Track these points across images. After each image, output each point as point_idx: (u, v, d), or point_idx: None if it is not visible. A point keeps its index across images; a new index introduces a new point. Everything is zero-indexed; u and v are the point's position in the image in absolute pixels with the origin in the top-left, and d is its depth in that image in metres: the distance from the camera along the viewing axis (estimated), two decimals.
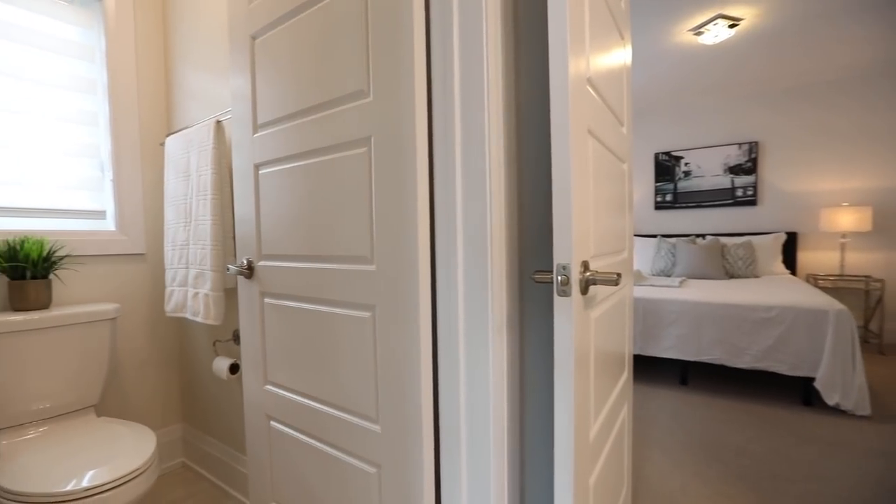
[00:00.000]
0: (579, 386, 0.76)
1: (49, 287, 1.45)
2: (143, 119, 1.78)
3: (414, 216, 0.86)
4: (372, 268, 0.95)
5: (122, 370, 1.72)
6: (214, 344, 1.63)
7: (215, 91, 1.59)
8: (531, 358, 0.90)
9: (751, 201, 4.03)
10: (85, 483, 1.04)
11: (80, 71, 1.67)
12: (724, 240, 3.86)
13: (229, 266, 1.24)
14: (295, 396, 1.16)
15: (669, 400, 2.52)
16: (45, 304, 1.44)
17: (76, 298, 1.59)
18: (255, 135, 1.21)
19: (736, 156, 4.07)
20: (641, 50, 3.13)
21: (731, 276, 3.67)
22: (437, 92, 0.86)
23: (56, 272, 1.52)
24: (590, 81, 0.84)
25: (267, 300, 1.22)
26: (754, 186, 4.01)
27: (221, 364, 1.52)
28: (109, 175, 1.72)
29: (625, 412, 1.24)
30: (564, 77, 0.69)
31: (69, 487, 1.03)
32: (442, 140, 0.85)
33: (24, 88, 1.53)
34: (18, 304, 1.38)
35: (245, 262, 1.27)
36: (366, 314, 0.97)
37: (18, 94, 1.52)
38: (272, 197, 1.18)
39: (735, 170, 4.08)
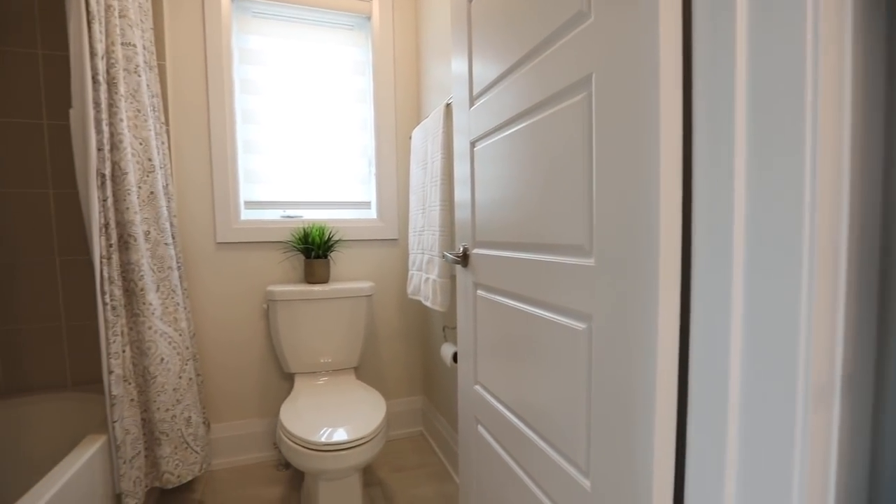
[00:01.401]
0: None
1: (328, 265, 1.77)
2: (399, 117, 1.98)
3: (654, 186, 0.54)
4: (589, 262, 0.68)
5: (375, 341, 1.99)
6: (444, 329, 1.67)
7: (449, 77, 1.60)
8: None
9: None
10: (322, 439, 1.19)
11: (358, 84, 1.97)
12: None
13: (445, 253, 1.19)
14: (499, 406, 1.00)
15: None
16: (325, 280, 1.77)
17: (343, 276, 1.91)
18: (471, 108, 1.10)
19: None
20: None
21: None
22: None
23: (331, 253, 1.85)
24: None
25: (479, 292, 1.11)
26: None
27: (447, 350, 1.53)
28: (373, 170, 1.99)
29: None
30: None
31: (315, 438, 1.19)
32: (708, 56, 0.50)
33: (323, 103, 1.91)
34: (309, 278, 1.75)
35: (461, 248, 1.19)
36: (579, 325, 0.71)
37: (319, 108, 1.90)
38: (484, 174, 1.04)
39: None
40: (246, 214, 1.81)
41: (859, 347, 0.44)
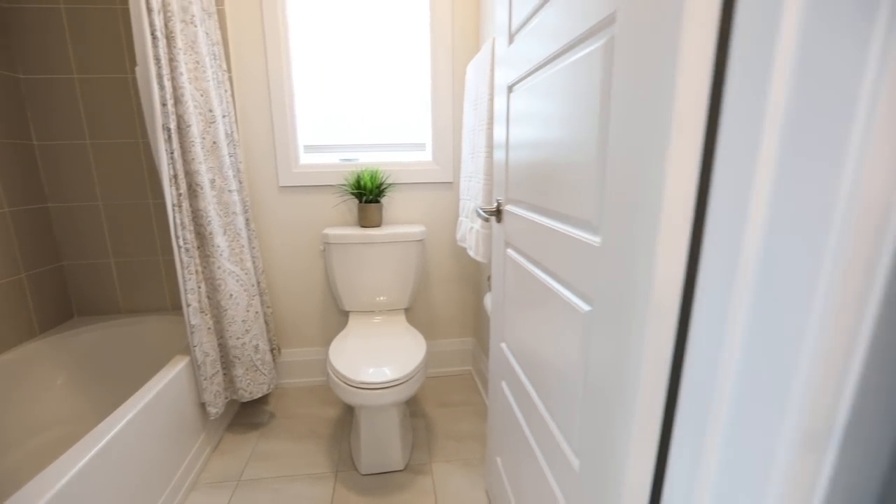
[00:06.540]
0: None
1: (380, 210, 1.81)
2: (456, 50, 1.84)
3: (663, 163, 0.45)
4: (596, 241, 0.61)
5: (428, 283, 2.05)
6: (487, 279, 1.66)
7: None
8: None
9: None
10: (361, 377, 1.29)
11: (416, 15, 1.85)
12: None
13: (478, 209, 1.14)
14: (517, 367, 1.00)
15: None
16: (378, 223, 1.82)
17: (398, 219, 1.95)
18: (510, 46, 0.99)
19: None
20: None
21: None
22: None
23: (384, 197, 1.88)
24: None
25: (508, 251, 1.07)
26: None
27: (489, 301, 1.53)
28: (429, 108, 1.91)
29: None
30: None
31: (354, 376, 1.30)
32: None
33: (380, 39, 1.83)
34: (362, 221, 1.81)
35: (496, 203, 1.14)
36: (583, 307, 0.65)
37: (376, 44, 1.84)
38: (517, 123, 0.96)
39: None
40: (305, 158, 1.88)
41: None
